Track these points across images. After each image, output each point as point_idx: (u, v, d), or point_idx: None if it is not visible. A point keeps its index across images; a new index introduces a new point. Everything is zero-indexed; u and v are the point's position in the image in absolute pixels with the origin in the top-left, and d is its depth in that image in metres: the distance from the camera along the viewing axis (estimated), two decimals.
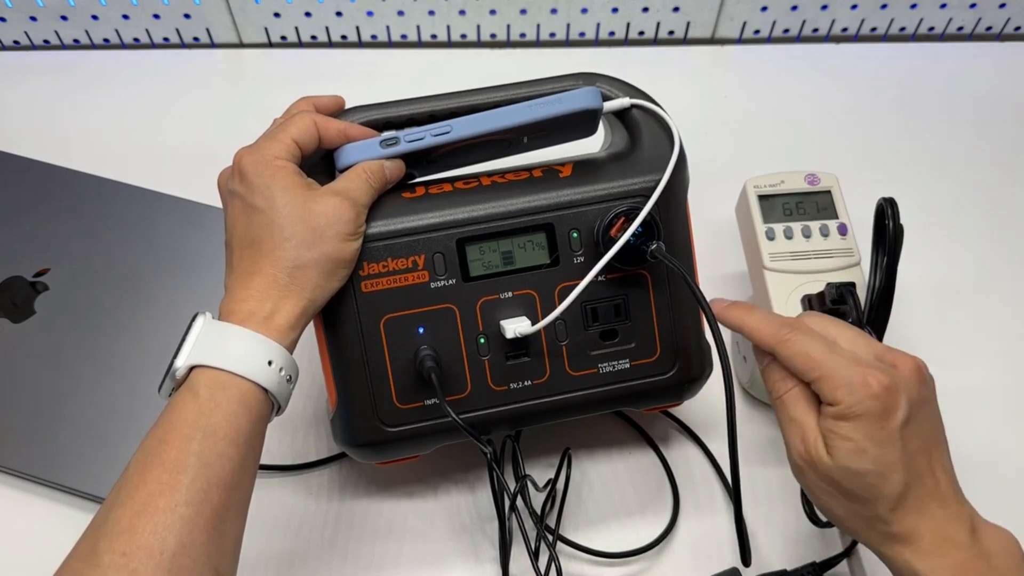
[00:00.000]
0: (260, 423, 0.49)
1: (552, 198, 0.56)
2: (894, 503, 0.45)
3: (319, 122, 0.53)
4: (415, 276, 0.55)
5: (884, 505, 0.45)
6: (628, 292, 0.57)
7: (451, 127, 0.55)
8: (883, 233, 0.57)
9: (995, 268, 0.76)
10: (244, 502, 0.48)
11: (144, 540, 0.42)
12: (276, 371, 0.48)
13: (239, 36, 0.88)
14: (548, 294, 0.56)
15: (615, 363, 0.58)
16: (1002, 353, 0.72)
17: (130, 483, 0.44)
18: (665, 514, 0.64)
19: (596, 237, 0.56)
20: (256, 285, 0.49)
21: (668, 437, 0.67)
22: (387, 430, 0.57)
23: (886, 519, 0.46)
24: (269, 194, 0.50)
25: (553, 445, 0.64)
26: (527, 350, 0.57)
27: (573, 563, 0.62)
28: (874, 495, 0.45)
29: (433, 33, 0.88)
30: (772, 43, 0.90)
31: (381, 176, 0.55)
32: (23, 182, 0.76)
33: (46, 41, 0.88)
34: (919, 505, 0.46)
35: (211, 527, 0.44)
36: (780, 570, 0.60)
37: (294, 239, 0.50)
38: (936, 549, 0.45)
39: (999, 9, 0.87)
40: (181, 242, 0.73)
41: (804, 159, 0.73)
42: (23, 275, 0.71)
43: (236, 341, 0.48)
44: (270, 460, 0.65)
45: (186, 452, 0.45)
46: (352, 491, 0.65)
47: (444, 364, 0.56)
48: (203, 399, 0.46)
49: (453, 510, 0.64)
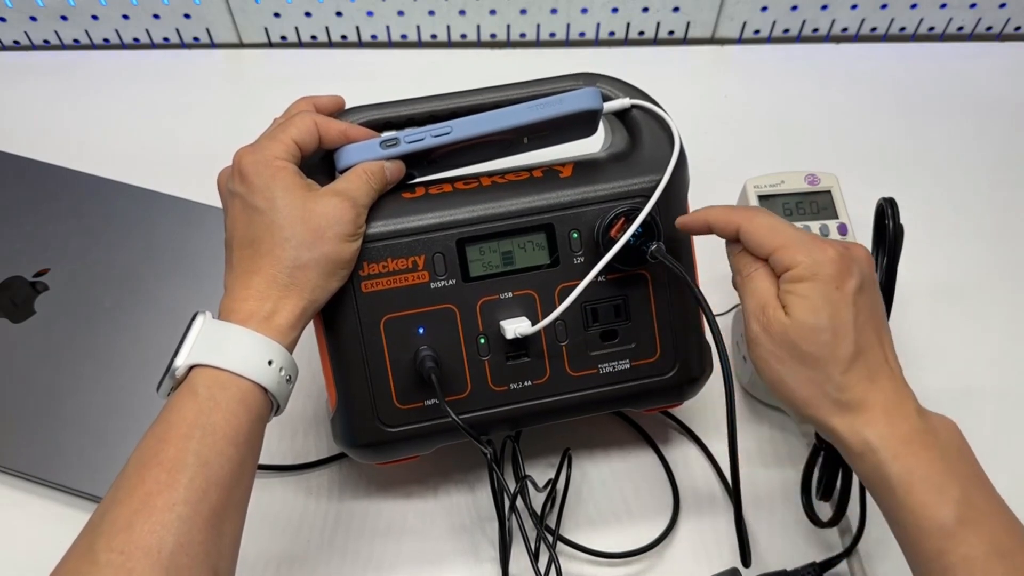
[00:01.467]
0: (259, 423, 0.49)
1: (552, 198, 0.56)
2: (846, 365, 0.47)
3: (319, 122, 0.53)
4: (415, 276, 0.55)
5: (836, 367, 0.47)
6: (628, 292, 0.57)
7: (451, 128, 0.55)
8: (883, 233, 0.57)
9: (995, 268, 0.76)
10: (243, 501, 0.48)
11: (142, 539, 0.42)
12: (276, 371, 0.48)
13: (239, 36, 0.88)
14: (548, 294, 0.56)
15: (615, 363, 0.58)
16: (1002, 353, 0.72)
17: (128, 481, 0.44)
18: (665, 514, 0.64)
19: (596, 237, 0.56)
20: (256, 285, 0.50)
21: (668, 437, 0.67)
22: (387, 430, 0.57)
23: (838, 384, 0.47)
24: (269, 194, 0.50)
25: (553, 445, 0.64)
26: (527, 350, 0.57)
27: (573, 563, 0.62)
28: (827, 355, 0.47)
29: (433, 33, 0.88)
30: (772, 43, 0.90)
31: (381, 177, 0.55)
32: (23, 182, 0.76)
33: (46, 41, 0.88)
34: (870, 373, 0.47)
35: (209, 526, 0.44)
36: (780, 570, 0.60)
37: (294, 239, 0.50)
38: (886, 419, 0.46)
39: (999, 9, 0.87)
40: (181, 242, 0.73)
41: (804, 159, 0.73)
42: (23, 275, 0.71)
43: (236, 340, 0.48)
44: (270, 460, 0.65)
45: (185, 451, 0.44)
46: (352, 491, 0.65)
47: (444, 364, 0.56)
48: (202, 398, 0.46)
49: (453, 510, 0.64)
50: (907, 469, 0.45)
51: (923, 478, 0.45)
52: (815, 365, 0.47)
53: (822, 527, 0.61)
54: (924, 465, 0.45)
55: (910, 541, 0.46)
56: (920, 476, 0.45)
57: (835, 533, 0.63)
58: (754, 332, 0.49)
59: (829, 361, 0.47)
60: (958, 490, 0.44)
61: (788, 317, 0.48)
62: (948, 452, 0.46)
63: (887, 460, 0.45)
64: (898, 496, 0.45)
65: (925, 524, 0.44)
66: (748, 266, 0.51)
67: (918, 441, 0.46)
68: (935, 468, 0.45)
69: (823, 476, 0.59)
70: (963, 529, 0.44)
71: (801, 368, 0.47)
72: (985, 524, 0.44)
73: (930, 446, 0.46)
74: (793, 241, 0.49)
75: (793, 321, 0.47)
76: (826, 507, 0.61)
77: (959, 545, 0.43)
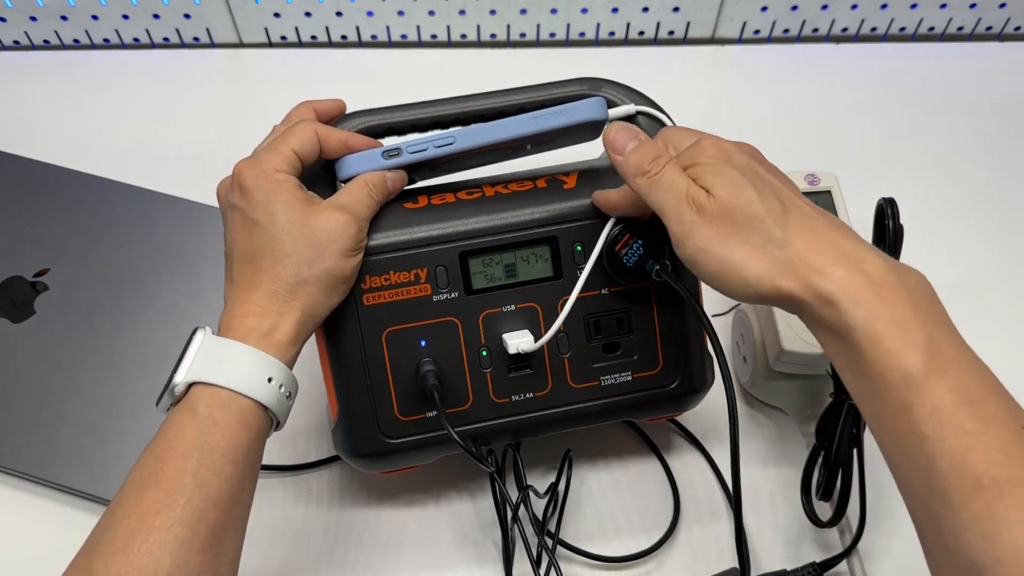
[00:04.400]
0: (259, 440, 0.48)
1: (556, 210, 0.56)
2: (780, 218, 0.45)
3: (320, 132, 0.53)
4: (417, 289, 0.55)
5: (772, 222, 0.45)
6: (631, 305, 0.57)
7: (454, 138, 0.54)
8: (883, 233, 0.57)
9: (995, 268, 0.76)
10: (242, 521, 0.47)
11: (139, 560, 0.42)
12: (276, 388, 0.48)
13: (239, 36, 0.88)
14: (551, 307, 0.56)
15: (617, 375, 0.58)
16: (1002, 353, 0.71)
17: (126, 501, 0.44)
18: (666, 519, 0.64)
19: (600, 252, 0.55)
20: (256, 300, 0.49)
21: (669, 442, 0.67)
22: (388, 441, 0.56)
23: (780, 240, 0.44)
24: (270, 208, 0.50)
25: (554, 451, 0.63)
26: (529, 363, 0.57)
27: (574, 567, 0.62)
28: (760, 212, 0.45)
29: (433, 33, 0.88)
30: (772, 43, 0.90)
31: (383, 188, 0.54)
32: (23, 182, 0.76)
33: (46, 41, 0.88)
34: (809, 227, 0.45)
35: (207, 547, 0.44)
36: (780, 570, 0.60)
37: (295, 255, 0.49)
38: (844, 268, 0.43)
39: (999, 9, 0.87)
40: (181, 242, 0.73)
41: (804, 159, 0.73)
42: (23, 275, 0.71)
43: (236, 358, 0.47)
44: (270, 462, 0.65)
45: (183, 471, 0.44)
46: (352, 498, 0.64)
47: (446, 377, 0.55)
48: (202, 417, 0.46)
49: (454, 517, 0.64)
50: (870, 315, 0.42)
51: (888, 322, 0.41)
52: (754, 227, 0.45)
53: (822, 527, 0.61)
54: (888, 309, 0.42)
55: (873, 396, 0.42)
56: (885, 320, 0.41)
57: (835, 533, 0.63)
58: (688, 221, 0.46)
59: (765, 219, 0.45)
60: (924, 336, 0.41)
61: (712, 196, 0.46)
62: (915, 297, 0.43)
63: (847, 308, 0.42)
64: (861, 347, 0.42)
65: (890, 375, 0.41)
66: (655, 162, 0.48)
67: (881, 284, 0.42)
68: (900, 312, 0.42)
69: (823, 476, 0.59)
70: (930, 379, 0.40)
71: (744, 238, 0.45)
72: (952, 372, 0.41)
73: (894, 289, 0.42)
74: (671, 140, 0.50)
75: (720, 196, 0.46)
76: (826, 507, 0.61)
77: (927, 397, 0.40)
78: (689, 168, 0.48)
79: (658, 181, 0.48)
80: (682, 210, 0.47)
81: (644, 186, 0.48)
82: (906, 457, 0.42)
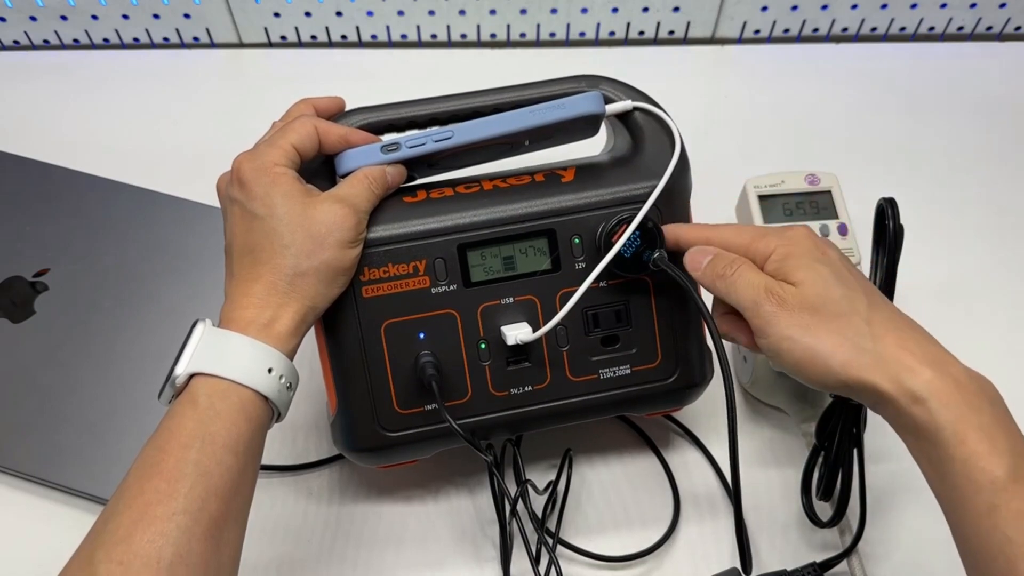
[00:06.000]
0: (260, 431, 0.48)
1: (554, 203, 0.56)
2: (867, 315, 0.47)
3: (320, 127, 0.53)
4: (416, 281, 0.55)
5: (859, 317, 0.47)
6: (629, 298, 0.57)
7: (452, 133, 0.54)
8: (883, 233, 0.57)
9: (996, 268, 0.76)
10: (243, 511, 0.47)
11: (141, 549, 0.42)
12: (276, 379, 0.48)
13: (239, 36, 0.88)
14: (549, 300, 0.56)
15: (616, 369, 0.58)
16: (1003, 353, 0.71)
17: (128, 491, 0.44)
18: (666, 517, 0.64)
19: (598, 243, 0.56)
20: (256, 292, 0.49)
21: (668, 440, 0.67)
22: (387, 435, 0.56)
23: (870, 334, 0.46)
24: (269, 201, 0.50)
25: (554, 447, 0.64)
26: (528, 356, 0.57)
27: (574, 566, 0.62)
28: (847, 308, 0.47)
29: (433, 33, 0.88)
30: (772, 43, 0.90)
31: (383, 182, 0.54)
32: (23, 182, 0.76)
33: (46, 41, 0.88)
34: (893, 326, 0.47)
35: (209, 536, 0.44)
36: (780, 570, 0.60)
37: (294, 247, 0.50)
38: (931, 368, 0.45)
39: (999, 9, 0.87)
40: (181, 242, 0.73)
41: (804, 159, 0.73)
42: (23, 275, 0.71)
43: (236, 349, 0.48)
44: (270, 462, 0.65)
45: (184, 461, 0.44)
46: (352, 494, 0.65)
47: (445, 370, 0.56)
48: (203, 407, 0.46)
49: (453, 513, 0.64)
50: (959, 417, 0.43)
51: (976, 427, 0.43)
52: (841, 319, 0.47)
53: (822, 527, 0.61)
54: (976, 414, 0.43)
55: (958, 497, 0.43)
56: (973, 425, 0.43)
57: (835, 533, 0.63)
58: (768, 313, 0.48)
59: (851, 313, 0.47)
60: (1008, 443, 0.43)
61: (796, 286, 0.48)
62: (995, 406, 0.45)
63: (937, 409, 0.44)
64: (949, 448, 0.43)
65: (977, 476, 0.43)
66: (728, 266, 0.51)
67: (967, 390, 0.44)
68: (986, 418, 0.43)
69: (823, 476, 0.59)
70: (1015, 483, 0.42)
71: (830, 328, 0.47)
72: None
73: (979, 395, 0.44)
74: (759, 233, 0.52)
75: (804, 286, 0.48)
76: (826, 507, 0.61)
77: (1012, 499, 0.42)
78: (771, 257, 0.50)
79: (735, 281, 0.51)
80: (760, 302, 0.49)
81: (723, 288, 0.51)
82: (987, 559, 0.43)
